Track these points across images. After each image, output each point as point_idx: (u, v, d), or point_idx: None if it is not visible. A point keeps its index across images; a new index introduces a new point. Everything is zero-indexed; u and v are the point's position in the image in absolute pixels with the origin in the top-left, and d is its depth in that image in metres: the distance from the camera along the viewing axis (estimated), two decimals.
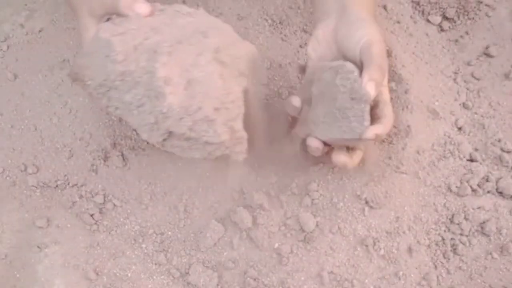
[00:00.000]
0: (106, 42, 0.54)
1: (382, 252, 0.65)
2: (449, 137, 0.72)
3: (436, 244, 0.66)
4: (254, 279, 0.64)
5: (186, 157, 0.71)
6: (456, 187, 0.69)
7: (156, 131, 0.55)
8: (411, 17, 0.81)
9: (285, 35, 0.80)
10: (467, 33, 0.81)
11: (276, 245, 0.65)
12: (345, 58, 0.61)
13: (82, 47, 0.62)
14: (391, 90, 0.72)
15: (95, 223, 0.69)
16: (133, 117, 0.56)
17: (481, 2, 0.81)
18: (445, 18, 0.82)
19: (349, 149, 0.61)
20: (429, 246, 0.66)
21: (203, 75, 0.54)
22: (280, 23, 0.80)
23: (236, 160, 0.60)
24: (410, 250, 0.66)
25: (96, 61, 0.55)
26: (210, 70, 0.55)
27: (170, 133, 0.55)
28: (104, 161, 0.72)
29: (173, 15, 0.58)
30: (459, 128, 0.73)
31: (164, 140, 0.56)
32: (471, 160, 0.71)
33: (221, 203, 0.69)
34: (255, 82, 0.62)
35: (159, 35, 0.56)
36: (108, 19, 0.61)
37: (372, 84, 0.56)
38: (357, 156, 0.61)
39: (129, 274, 0.66)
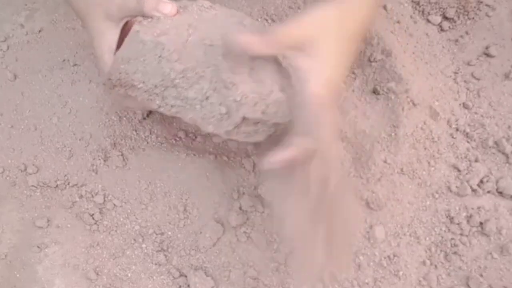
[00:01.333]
0: (155, 43, 0.56)
1: (382, 252, 0.65)
2: (449, 136, 0.72)
3: (436, 244, 0.66)
4: (254, 279, 0.64)
5: (186, 158, 0.71)
6: (456, 187, 0.69)
7: (227, 120, 0.57)
8: (411, 17, 0.81)
9: None
10: (467, 33, 0.81)
11: (276, 245, 0.65)
12: None
13: (99, 51, 0.61)
14: (391, 90, 0.72)
15: (95, 223, 0.69)
16: (195, 112, 0.58)
17: (481, 2, 0.81)
18: (445, 18, 0.82)
19: None
20: (429, 246, 0.66)
21: (261, 61, 0.56)
22: (280, 23, 0.80)
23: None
24: (410, 250, 0.66)
25: (147, 63, 0.56)
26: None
27: (243, 120, 0.57)
28: (104, 161, 0.72)
29: (198, 10, 0.59)
30: (459, 128, 0.73)
31: (234, 127, 0.57)
32: (471, 160, 0.71)
33: (220, 203, 0.69)
34: None
35: (199, 30, 0.57)
36: (127, 22, 0.61)
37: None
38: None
39: (129, 274, 0.66)
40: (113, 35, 0.60)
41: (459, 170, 0.70)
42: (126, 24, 0.61)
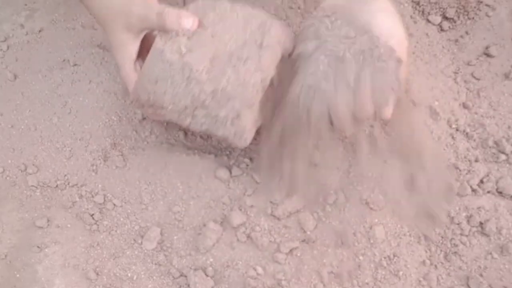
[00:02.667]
0: (182, 63, 0.55)
1: (382, 252, 0.65)
2: (449, 136, 0.72)
3: (436, 244, 0.66)
4: (254, 279, 0.64)
5: (186, 158, 0.71)
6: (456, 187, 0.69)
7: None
8: (411, 17, 0.81)
9: None
10: (467, 33, 0.81)
11: (276, 245, 0.65)
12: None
13: (121, 62, 0.61)
14: None
15: (95, 223, 0.69)
16: (225, 129, 0.58)
17: (481, 2, 0.81)
18: (445, 18, 0.82)
19: None
20: (429, 246, 0.66)
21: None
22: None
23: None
24: (410, 250, 0.66)
25: (175, 85, 0.56)
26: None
27: None
28: (104, 161, 0.72)
29: (219, 15, 0.58)
30: (459, 128, 0.73)
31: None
32: (471, 160, 0.71)
33: (220, 203, 0.69)
34: None
35: (223, 44, 0.56)
36: (146, 34, 0.61)
37: None
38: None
39: (129, 274, 0.66)
40: (133, 47, 0.61)
41: (459, 170, 0.70)
42: (146, 35, 0.61)
